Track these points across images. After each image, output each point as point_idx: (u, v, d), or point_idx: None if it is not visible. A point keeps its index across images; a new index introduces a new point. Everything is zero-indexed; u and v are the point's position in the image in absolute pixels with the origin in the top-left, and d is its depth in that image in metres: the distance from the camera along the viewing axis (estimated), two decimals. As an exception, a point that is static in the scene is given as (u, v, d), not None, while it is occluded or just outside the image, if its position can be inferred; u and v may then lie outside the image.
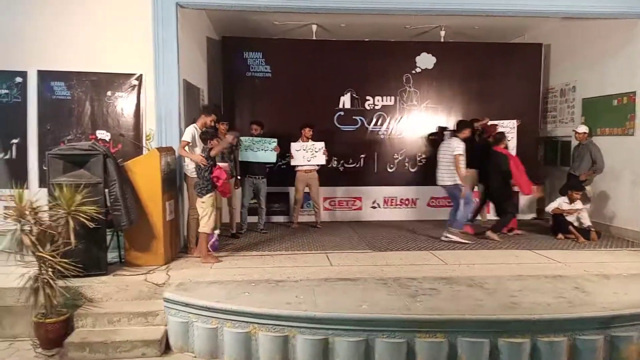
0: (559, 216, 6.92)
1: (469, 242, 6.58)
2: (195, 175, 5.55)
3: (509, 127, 7.69)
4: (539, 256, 5.99)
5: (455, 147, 6.50)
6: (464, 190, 6.53)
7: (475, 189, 7.64)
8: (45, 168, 5.11)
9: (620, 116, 7.12)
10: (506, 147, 7.14)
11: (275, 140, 7.25)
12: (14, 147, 5.90)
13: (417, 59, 8.51)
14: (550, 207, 7.03)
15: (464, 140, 6.67)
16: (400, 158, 8.60)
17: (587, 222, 6.84)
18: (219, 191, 5.62)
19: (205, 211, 5.44)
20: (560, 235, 6.90)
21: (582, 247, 6.45)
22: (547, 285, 4.77)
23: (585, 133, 7.39)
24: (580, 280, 4.91)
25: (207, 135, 5.54)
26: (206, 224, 5.44)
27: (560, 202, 6.95)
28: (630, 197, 7.00)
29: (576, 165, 7.39)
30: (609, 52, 7.38)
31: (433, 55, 8.52)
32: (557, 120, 8.70)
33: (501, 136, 7.09)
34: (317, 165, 7.62)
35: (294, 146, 7.48)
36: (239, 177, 7.05)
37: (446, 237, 6.68)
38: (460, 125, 6.98)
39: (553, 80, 8.81)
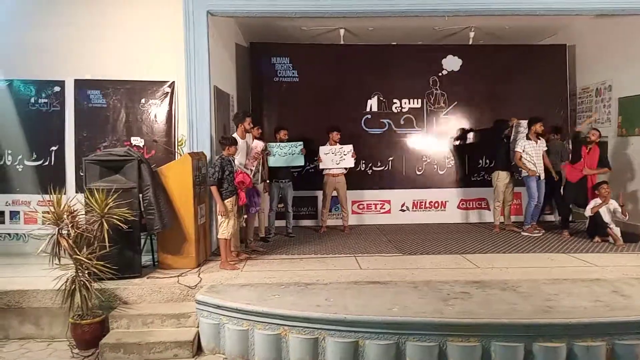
0: (595, 218, 6.70)
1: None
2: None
3: (522, 127, 7.54)
4: (574, 259, 5.82)
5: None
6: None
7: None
8: (82, 174, 5.27)
9: (660, 115, 6.88)
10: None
11: (301, 143, 7.29)
12: (52, 154, 6.11)
13: (443, 61, 8.47)
14: (587, 211, 6.83)
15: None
16: (428, 160, 8.52)
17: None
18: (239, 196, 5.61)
19: (224, 216, 5.41)
20: (597, 238, 6.69)
21: (620, 250, 6.25)
22: (583, 288, 4.63)
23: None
24: (618, 284, 4.75)
25: (227, 141, 5.57)
26: (225, 230, 5.41)
27: (595, 202, 6.74)
28: (670, 199, 6.75)
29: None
30: (645, 49, 7.15)
31: (459, 58, 8.44)
32: (592, 120, 8.45)
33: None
34: (346, 168, 7.61)
35: (323, 150, 7.50)
36: (267, 182, 7.12)
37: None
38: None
39: (588, 79, 8.56)
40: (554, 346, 3.80)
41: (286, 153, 7.18)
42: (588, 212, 6.80)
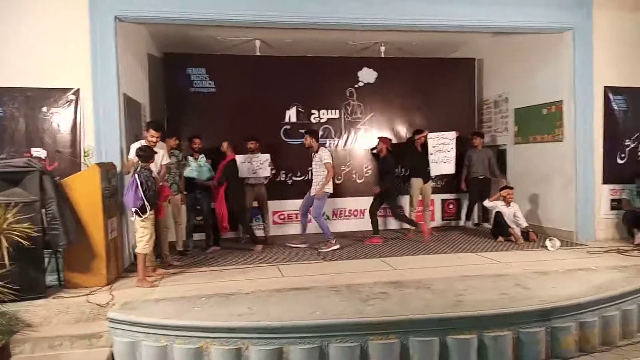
0: (498, 220, 7.24)
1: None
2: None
3: (448, 139, 7.98)
4: (481, 258, 6.24)
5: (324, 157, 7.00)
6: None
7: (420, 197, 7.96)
8: (-25, 188, 4.79)
9: (550, 124, 7.58)
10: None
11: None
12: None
13: (359, 73, 8.73)
14: (486, 202, 7.49)
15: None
16: (347, 170, 8.74)
17: (524, 223, 7.21)
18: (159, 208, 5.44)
19: (146, 230, 5.16)
20: (500, 238, 7.22)
21: (521, 248, 6.78)
22: (490, 283, 4.97)
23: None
24: (520, 278, 5.15)
25: (147, 153, 5.32)
26: (147, 244, 5.17)
27: (497, 204, 7.29)
28: (561, 200, 7.43)
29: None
30: (537, 65, 7.84)
31: (374, 70, 8.77)
32: (492, 130, 9.16)
33: None
34: (264, 177, 7.59)
35: (239, 159, 7.42)
36: (184, 193, 6.92)
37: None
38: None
39: (487, 92, 9.28)
40: (466, 338, 4.03)
41: (201, 165, 7.04)
42: (487, 203, 7.45)
